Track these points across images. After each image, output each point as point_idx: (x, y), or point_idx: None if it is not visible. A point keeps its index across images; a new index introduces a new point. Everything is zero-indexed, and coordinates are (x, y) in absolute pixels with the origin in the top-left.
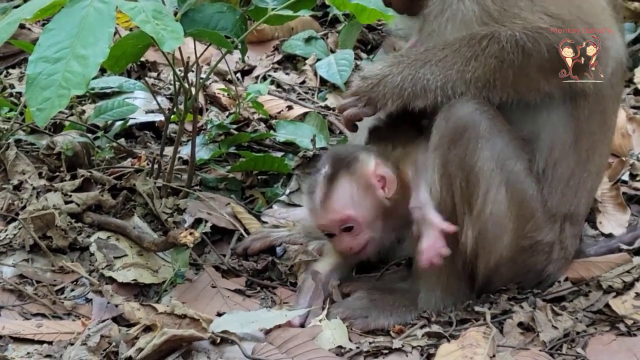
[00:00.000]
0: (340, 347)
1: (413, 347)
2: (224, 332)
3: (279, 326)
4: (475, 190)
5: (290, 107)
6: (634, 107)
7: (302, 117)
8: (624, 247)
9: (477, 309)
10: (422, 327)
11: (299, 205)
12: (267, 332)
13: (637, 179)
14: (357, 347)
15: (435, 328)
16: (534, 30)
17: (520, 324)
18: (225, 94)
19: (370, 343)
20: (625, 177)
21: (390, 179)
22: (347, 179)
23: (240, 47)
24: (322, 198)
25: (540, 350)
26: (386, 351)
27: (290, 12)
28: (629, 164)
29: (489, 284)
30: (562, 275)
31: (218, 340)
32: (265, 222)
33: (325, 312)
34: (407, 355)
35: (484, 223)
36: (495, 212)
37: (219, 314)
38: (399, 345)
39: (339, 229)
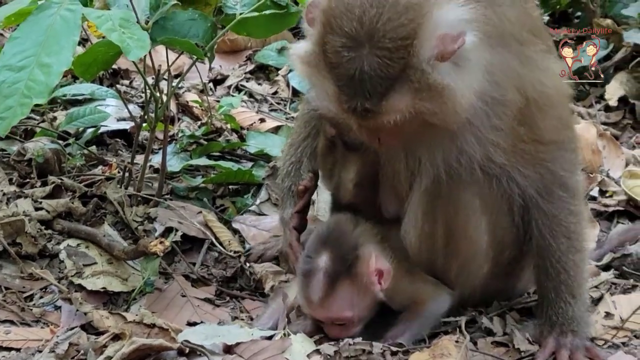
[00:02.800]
0: (317, 351)
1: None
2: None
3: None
4: (458, 221)
5: (262, 120)
6: (604, 124)
7: (275, 130)
8: (593, 262)
9: (449, 319)
10: None
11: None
12: (237, 344)
13: (607, 195)
14: (335, 352)
15: None
16: None
17: (489, 333)
18: (198, 105)
19: (350, 345)
20: (595, 193)
21: (388, 271)
22: (348, 282)
23: (208, 54)
24: (320, 297)
25: None
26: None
27: (255, 14)
28: (598, 181)
29: (461, 304)
30: (531, 286)
31: (187, 351)
32: (237, 230)
33: (284, 328)
34: None
35: (465, 253)
36: (477, 241)
37: (189, 324)
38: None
39: (332, 323)
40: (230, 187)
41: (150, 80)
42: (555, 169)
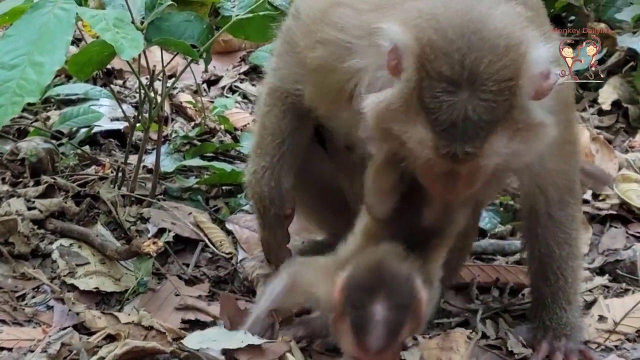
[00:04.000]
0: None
1: None
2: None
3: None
4: None
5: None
6: (597, 127)
7: None
8: (585, 265)
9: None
10: None
11: None
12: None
13: (600, 198)
14: None
15: None
16: None
17: (483, 336)
18: (191, 106)
19: None
20: (588, 197)
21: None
22: (407, 326)
23: (204, 56)
24: (380, 347)
25: None
26: None
27: (250, 15)
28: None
29: None
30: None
31: (182, 355)
32: (230, 231)
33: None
34: None
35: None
36: None
37: (184, 321)
38: None
39: None
40: (223, 187)
41: (144, 81)
42: (572, 173)
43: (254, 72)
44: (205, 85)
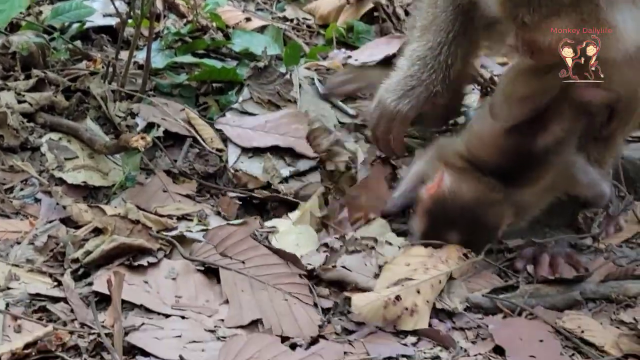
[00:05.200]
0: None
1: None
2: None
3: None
4: None
5: (248, 19)
6: None
7: (260, 30)
8: None
9: None
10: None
11: (252, 114)
12: (205, 231)
13: None
14: (341, 246)
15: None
16: None
17: None
18: (184, 3)
19: (356, 239)
20: None
21: None
22: None
23: None
24: None
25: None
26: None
27: None
28: None
29: None
30: None
31: (167, 251)
32: (220, 130)
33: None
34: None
35: None
36: None
37: (170, 217)
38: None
39: None
40: (213, 85)
41: None
42: None
43: None
44: None
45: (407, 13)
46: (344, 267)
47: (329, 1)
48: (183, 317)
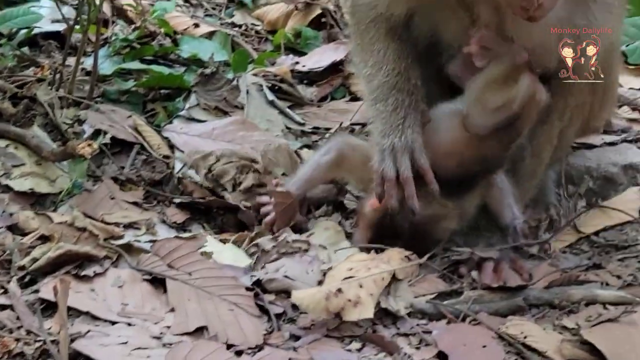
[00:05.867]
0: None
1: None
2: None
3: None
4: None
5: (196, 25)
6: None
7: (209, 36)
8: None
9: None
10: None
11: (199, 121)
12: (153, 242)
13: None
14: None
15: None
16: None
17: None
18: (132, 8)
19: (287, 242)
20: None
21: None
22: None
23: None
24: None
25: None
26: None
27: None
28: None
29: None
30: None
31: (114, 258)
32: (167, 137)
33: None
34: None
35: None
36: None
37: (117, 225)
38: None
39: None
40: (161, 91)
41: None
42: None
43: None
44: None
45: None
46: (286, 276)
47: (277, 7)
48: (129, 324)
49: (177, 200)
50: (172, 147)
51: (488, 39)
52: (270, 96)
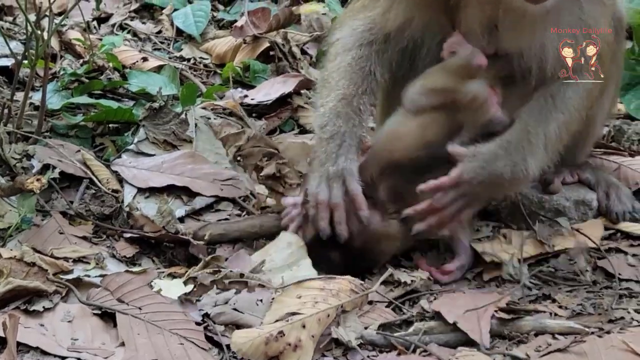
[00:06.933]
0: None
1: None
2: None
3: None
4: None
5: (145, 59)
6: None
7: (157, 69)
8: None
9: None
10: None
11: (148, 154)
12: (102, 277)
13: None
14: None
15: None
16: None
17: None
18: (80, 43)
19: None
20: None
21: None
22: None
23: None
24: None
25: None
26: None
27: None
28: None
29: None
30: None
31: (63, 293)
32: (115, 172)
33: None
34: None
35: None
36: None
37: (66, 259)
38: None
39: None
40: (110, 125)
41: (32, 18)
42: None
43: (145, 10)
44: (95, 23)
45: (303, 52)
46: (235, 309)
47: (226, 41)
48: (79, 359)
49: (126, 235)
50: (121, 181)
51: (457, 42)
52: None
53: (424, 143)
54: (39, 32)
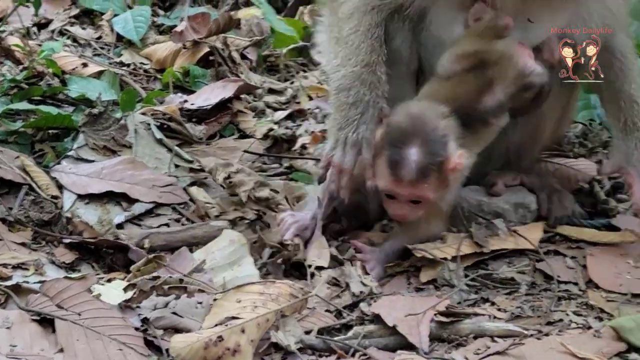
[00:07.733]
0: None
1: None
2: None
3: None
4: None
5: (85, 65)
6: None
7: (97, 75)
8: None
9: None
10: None
11: (88, 160)
12: (41, 283)
13: None
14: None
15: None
16: None
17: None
18: (19, 49)
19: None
20: None
21: (462, 165)
22: (435, 175)
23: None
24: (411, 179)
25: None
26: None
27: None
28: None
29: None
30: None
31: (3, 300)
32: (55, 178)
33: None
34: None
35: None
36: None
37: (5, 266)
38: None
39: (409, 200)
40: (50, 131)
41: None
42: None
43: (85, 16)
44: (35, 29)
45: (243, 57)
46: (174, 313)
47: (166, 46)
48: None
49: (66, 241)
50: (60, 187)
51: (482, 9)
52: (159, 135)
53: (455, 99)
54: None
